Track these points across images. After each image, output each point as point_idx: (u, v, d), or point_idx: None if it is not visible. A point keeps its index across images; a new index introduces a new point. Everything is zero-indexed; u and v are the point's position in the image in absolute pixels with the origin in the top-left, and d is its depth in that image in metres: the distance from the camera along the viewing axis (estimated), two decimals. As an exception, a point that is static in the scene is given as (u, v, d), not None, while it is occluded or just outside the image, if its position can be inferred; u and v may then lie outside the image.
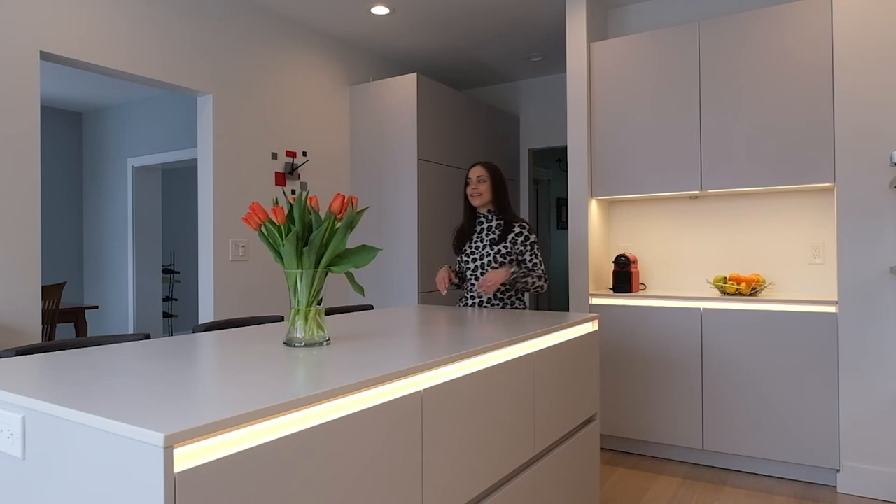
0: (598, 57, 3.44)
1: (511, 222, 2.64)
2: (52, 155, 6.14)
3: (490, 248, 2.62)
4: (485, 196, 2.65)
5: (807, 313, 2.81)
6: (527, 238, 2.61)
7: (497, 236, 2.62)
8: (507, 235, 2.61)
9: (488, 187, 2.65)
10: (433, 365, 1.28)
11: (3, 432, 1.03)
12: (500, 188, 2.67)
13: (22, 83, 2.63)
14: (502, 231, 2.62)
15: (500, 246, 2.60)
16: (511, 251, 2.60)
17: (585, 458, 2.10)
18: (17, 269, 2.61)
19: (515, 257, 2.62)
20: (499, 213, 2.68)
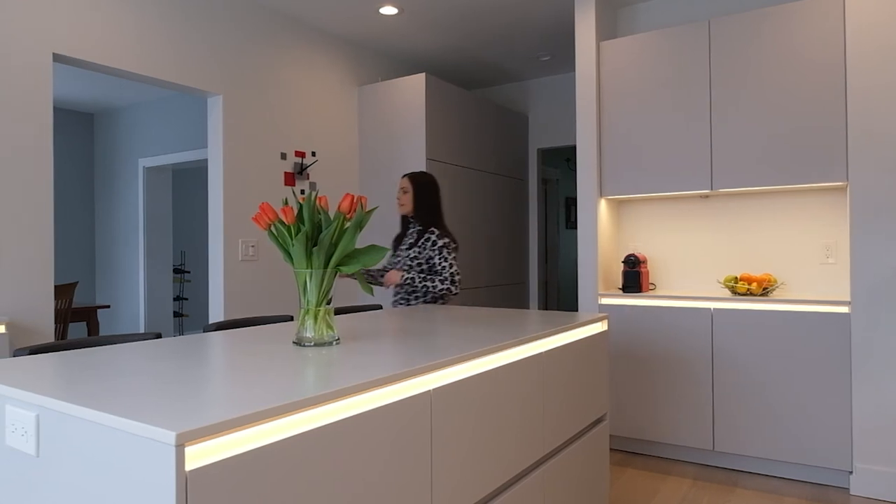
0: (607, 56, 3.42)
1: (426, 229, 2.82)
2: (65, 156, 6.20)
3: (406, 251, 2.85)
4: (406, 206, 2.87)
5: (819, 313, 2.79)
6: (434, 243, 2.77)
7: (414, 240, 2.84)
8: (420, 240, 2.81)
9: (409, 198, 2.86)
10: (442, 365, 1.28)
11: (18, 430, 1.04)
12: (422, 198, 2.86)
13: (35, 85, 2.66)
14: (418, 236, 2.83)
15: (412, 250, 2.81)
16: (420, 255, 2.78)
17: (595, 458, 2.09)
18: (31, 270, 2.63)
19: (426, 261, 2.78)
20: (419, 220, 2.86)
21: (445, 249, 2.76)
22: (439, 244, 2.76)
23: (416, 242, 2.80)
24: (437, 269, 2.76)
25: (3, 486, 1.09)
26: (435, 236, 2.78)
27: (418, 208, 2.85)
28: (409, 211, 2.87)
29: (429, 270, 2.78)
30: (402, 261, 2.84)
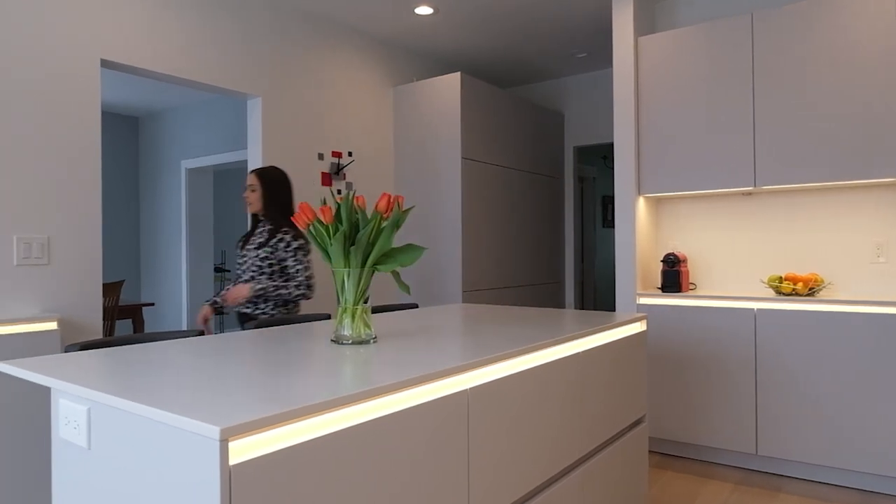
0: (645, 51, 3.36)
1: (277, 228, 2.63)
2: (112, 158, 6.41)
3: (254, 250, 2.64)
4: (255, 205, 2.69)
5: (870, 314, 2.68)
6: (288, 245, 2.60)
7: (264, 240, 2.64)
8: (271, 241, 2.62)
9: (258, 196, 2.68)
10: (479, 364, 1.28)
11: (71, 423, 1.08)
12: (272, 195, 2.69)
13: (85, 90, 2.75)
14: (268, 236, 2.64)
15: (262, 250, 2.61)
16: (272, 256, 2.60)
17: (633, 460, 2.06)
18: (81, 269, 2.73)
19: (277, 263, 2.62)
20: (269, 218, 2.68)
21: (300, 251, 2.61)
22: (294, 245, 2.60)
23: (267, 242, 2.61)
24: (289, 271, 2.61)
25: (58, 476, 1.13)
26: (289, 237, 2.61)
27: (268, 206, 2.68)
28: (259, 209, 2.69)
29: (280, 273, 2.62)
30: (249, 261, 2.65)
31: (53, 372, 1.14)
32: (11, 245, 2.51)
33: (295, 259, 2.60)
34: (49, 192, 2.62)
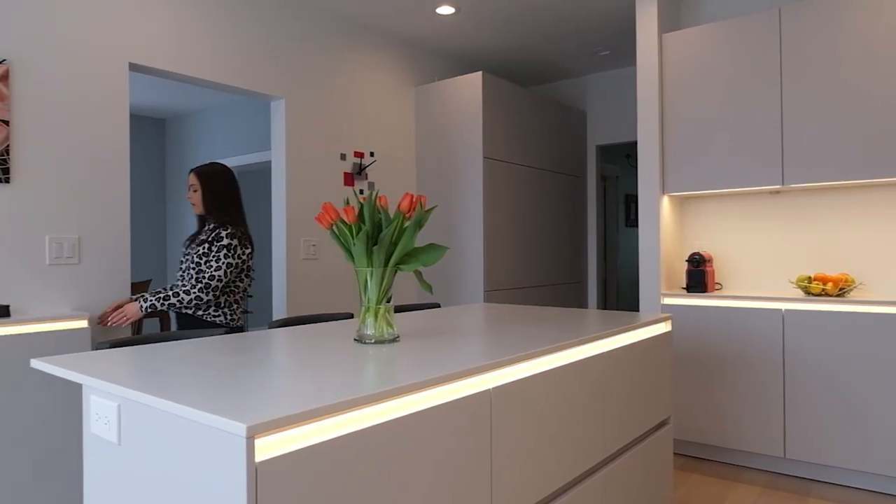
0: (670, 48, 3.32)
1: (220, 226, 2.58)
2: (139, 160, 6.54)
3: (196, 247, 2.58)
4: (198, 205, 2.63)
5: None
6: (220, 240, 2.53)
7: (205, 237, 2.58)
8: (211, 236, 2.56)
9: (199, 196, 2.62)
10: (502, 363, 1.27)
11: (102, 419, 1.10)
12: (213, 194, 2.61)
13: (113, 93, 2.81)
14: (209, 232, 2.59)
15: (202, 247, 2.56)
16: (208, 252, 2.54)
17: (658, 462, 2.04)
18: (110, 268, 2.79)
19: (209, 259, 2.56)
20: (215, 218, 2.62)
21: (224, 250, 2.51)
22: (223, 243, 2.51)
23: (208, 240, 2.56)
24: (202, 266, 2.53)
25: (90, 470, 1.16)
26: (225, 234, 2.53)
27: (210, 205, 2.61)
28: (202, 210, 2.63)
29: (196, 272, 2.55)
30: (190, 258, 2.59)
31: (85, 369, 1.17)
32: (44, 245, 2.57)
33: (214, 257, 2.51)
34: (80, 193, 2.68)
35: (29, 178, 2.53)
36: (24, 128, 2.51)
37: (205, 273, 2.50)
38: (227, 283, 2.57)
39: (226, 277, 2.51)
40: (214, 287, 2.48)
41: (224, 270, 2.49)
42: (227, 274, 2.52)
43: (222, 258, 2.50)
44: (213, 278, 2.48)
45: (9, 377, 2.22)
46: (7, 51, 2.46)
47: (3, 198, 2.45)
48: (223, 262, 2.50)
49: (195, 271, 2.54)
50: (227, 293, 2.58)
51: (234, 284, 2.59)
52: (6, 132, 2.44)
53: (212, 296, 2.50)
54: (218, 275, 2.48)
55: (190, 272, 2.56)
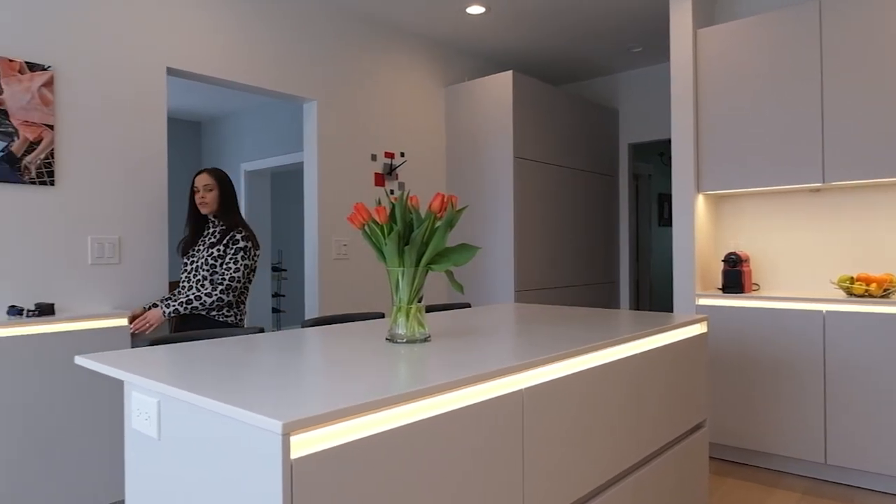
0: (705, 44, 3.25)
1: (231, 227, 2.65)
2: (176, 162, 6.70)
3: (206, 250, 2.65)
4: (211, 205, 2.69)
5: (952, 318, 2.51)
6: (236, 242, 2.60)
7: (216, 239, 2.65)
8: (224, 238, 2.63)
9: (215, 196, 2.69)
10: (534, 364, 1.27)
11: (142, 414, 1.13)
12: (227, 195, 2.71)
13: (151, 97, 2.88)
14: (221, 235, 2.65)
15: (215, 248, 2.62)
16: (223, 254, 2.60)
17: (693, 466, 2.00)
18: (149, 268, 2.86)
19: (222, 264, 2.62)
20: (222, 218, 2.70)
21: (241, 252, 2.59)
22: (240, 245, 2.60)
23: (220, 241, 2.62)
24: (219, 269, 2.60)
25: (131, 464, 1.19)
26: (240, 236, 2.61)
27: (223, 206, 2.69)
28: (214, 210, 2.69)
29: (210, 273, 2.61)
30: (200, 261, 2.65)
31: (127, 366, 1.20)
32: (86, 245, 2.65)
33: (232, 259, 2.58)
34: (120, 194, 2.76)
35: (72, 180, 2.61)
36: (68, 132, 2.60)
37: (224, 275, 2.58)
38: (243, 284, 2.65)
39: (243, 278, 2.61)
40: (234, 288, 2.58)
41: (242, 272, 2.59)
42: (245, 275, 2.61)
43: (239, 260, 2.59)
44: (234, 280, 2.57)
45: (54, 372, 2.30)
46: (52, 58, 2.55)
47: (49, 200, 2.54)
48: (241, 264, 2.59)
49: (209, 272, 2.61)
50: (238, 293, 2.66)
51: (243, 285, 2.67)
52: (51, 136, 2.53)
53: (232, 296, 2.59)
54: (237, 276, 2.58)
55: (201, 273, 2.62)
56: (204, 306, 2.55)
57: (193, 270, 2.66)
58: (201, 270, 2.63)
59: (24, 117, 2.45)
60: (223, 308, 2.64)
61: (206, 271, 2.62)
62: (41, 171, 2.49)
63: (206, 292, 2.55)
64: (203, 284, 2.62)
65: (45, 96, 2.51)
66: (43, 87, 2.50)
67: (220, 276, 2.59)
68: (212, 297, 2.54)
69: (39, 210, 2.51)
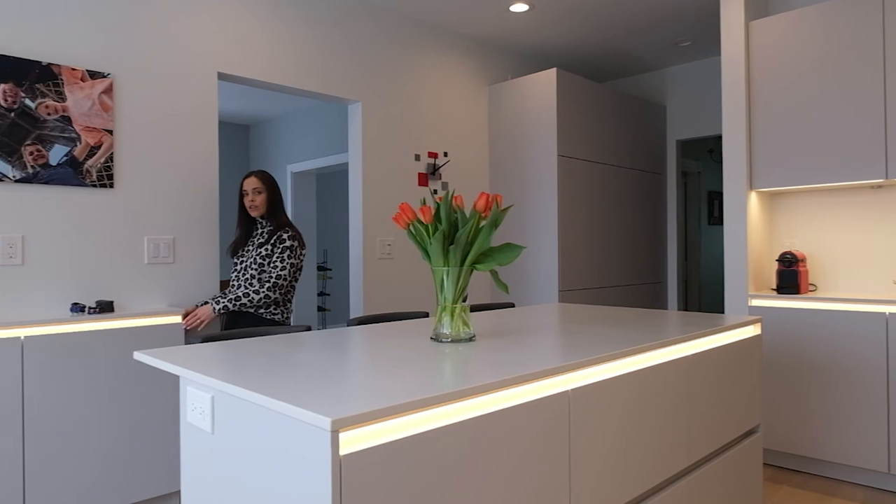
0: (757, 36, 3.15)
1: (279, 227, 2.73)
2: (226, 164, 6.89)
3: (255, 250, 2.73)
4: (260, 208, 2.77)
5: None
6: (283, 241, 2.69)
7: (264, 239, 2.74)
8: (272, 238, 2.71)
9: (264, 199, 2.77)
10: (581, 365, 1.25)
11: (197, 409, 1.17)
12: (275, 197, 2.80)
13: (203, 102, 2.98)
14: (269, 235, 2.73)
15: (263, 248, 2.71)
16: (271, 253, 2.69)
17: (746, 472, 1.94)
18: (201, 266, 2.96)
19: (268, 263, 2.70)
20: (270, 219, 2.78)
21: (288, 251, 2.68)
22: (287, 244, 2.69)
23: (268, 241, 2.71)
24: (268, 266, 2.68)
25: (186, 457, 1.23)
26: (287, 236, 2.70)
27: (272, 208, 2.78)
28: (263, 212, 2.78)
29: (259, 272, 2.69)
30: (249, 261, 2.73)
31: (182, 362, 1.25)
32: (143, 245, 2.76)
33: (279, 257, 2.67)
34: (174, 196, 2.86)
35: (130, 183, 2.72)
36: (126, 137, 2.71)
37: (271, 274, 2.66)
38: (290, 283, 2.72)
39: (290, 277, 2.68)
40: (281, 286, 2.66)
41: (288, 270, 2.67)
42: (291, 274, 2.69)
43: (286, 259, 2.67)
44: (280, 277, 2.65)
45: (114, 367, 2.40)
46: (111, 65, 2.66)
47: (109, 201, 2.65)
48: (287, 263, 2.67)
49: (257, 271, 2.68)
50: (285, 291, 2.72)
51: (290, 284, 2.74)
52: (110, 141, 2.64)
53: (279, 294, 2.67)
54: (283, 274, 2.66)
55: (249, 272, 2.70)
56: (252, 303, 2.62)
57: (243, 270, 2.75)
58: (250, 269, 2.71)
59: (86, 123, 2.56)
60: (270, 306, 2.70)
61: (254, 270, 2.70)
62: (101, 174, 2.61)
63: (253, 290, 2.63)
64: (251, 283, 2.69)
65: (105, 102, 2.62)
66: (103, 94, 2.61)
67: (268, 274, 2.66)
68: (259, 294, 2.62)
69: (100, 212, 2.63)
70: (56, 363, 2.26)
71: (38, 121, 2.44)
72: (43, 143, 2.45)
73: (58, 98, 2.48)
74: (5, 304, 2.38)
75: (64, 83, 2.50)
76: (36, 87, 2.43)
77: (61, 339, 2.28)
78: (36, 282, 2.45)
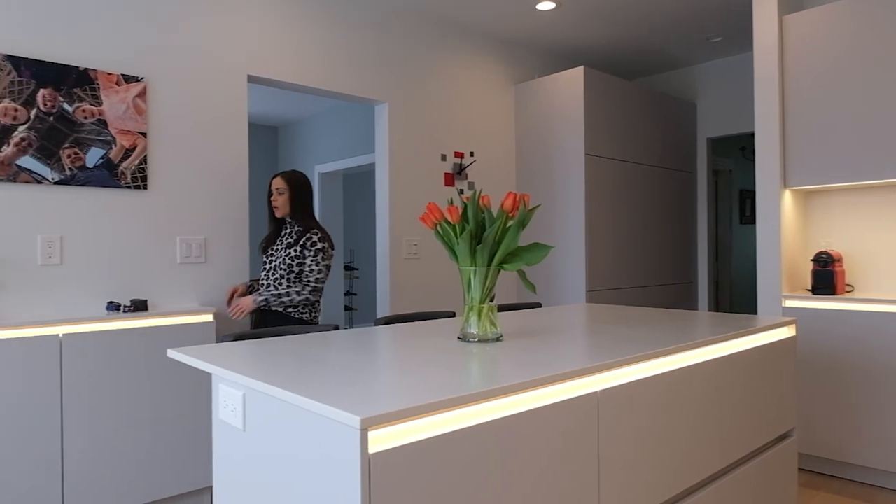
0: (791, 31, 3.07)
1: (307, 229, 2.74)
2: (257, 165, 7.00)
3: (284, 251, 2.74)
4: (283, 208, 2.78)
5: None
6: (314, 244, 2.71)
7: (293, 240, 2.75)
8: (300, 240, 2.73)
9: (286, 199, 2.78)
10: (611, 366, 1.24)
11: (228, 406, 1.19)
12: (299, 198, 2.79)
13: (234, 105, 3.03)
14: (298, 236, 2.75)
15: (292, 249, 2.72)
16: (300, 255, 2.71)
17: (780, 477, 1.89)
18: (232, 266, 3.01)
19: (302, 261, 2.72)
20: (298, 220, 2.79)
21: (321, 254, 2.71)
22: (318, 247, 2.71)
23: (297, 242, 2.73)
24: (304, 272, 2.71)
25: (218, 453, 1.25)
26: (317, 238, 2.72)
27: (296, 209, 2.79)
28: (286, 213, 2.79)
29: (297, 276, 2.72)
30: (278, 261, 2.74)
31: (214, 360, 1.27)
32: (175, 245, 2.81)
33: (313, 260, 2.70)
34: (205, 197, 2.92)
35: (163, 184, 2.78)
36: (159, 139, 2.77)
37: (309, 277, 2.70)
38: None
39: (325, 279, 2.74)
40: (320, 289, 2.72)
41: (324, 273, 2.73)
42: (326, 275, 2.75)
43: (320, 261, 2.72)
44: (319, 281, 2.71)
45: (148, 363, 2.46)
46: (144, 69, 2.72)
47: (143, 203, 2.71)
48: (322, 265, 2.72)
49: (286, 271, 2.72)
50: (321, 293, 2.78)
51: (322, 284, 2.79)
52: (144, 143, 2.70)
53: (318, 297, 2.73)
54: (321, 277, 2.71)
55: (278, 272, 2.74)
56: (292, 303, 2.68)
57: (272, 269, 2.78)
58: (279, 269, 2.75)
59: (121, 126, 2.63)
60: (307, 307, 2.76)
61: (283, 270, 2.73)
62: (135, 176, 2.67)
63: (296, 290, 2.68)
64: (280, 283, 2.73)
65: (139, 106, 2.68)
66: (137, 98, 2.67)
67: (306, 277, 2.71)
68: (301, 295, 2.68)
69: (134, 213, 2.69)
70: (93, 360, 2.33)
71: (76, 124, 2.51)
72: (80, 145, 2.52)
73: (94, 102, 2.55)
74: (45, 303, 2.45)
75: (100, 87, 2.57)
76: (73, 91, 2.50)
77: (98, 336, 2.34)
78: (74, 281, 2.52)
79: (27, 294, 2.42)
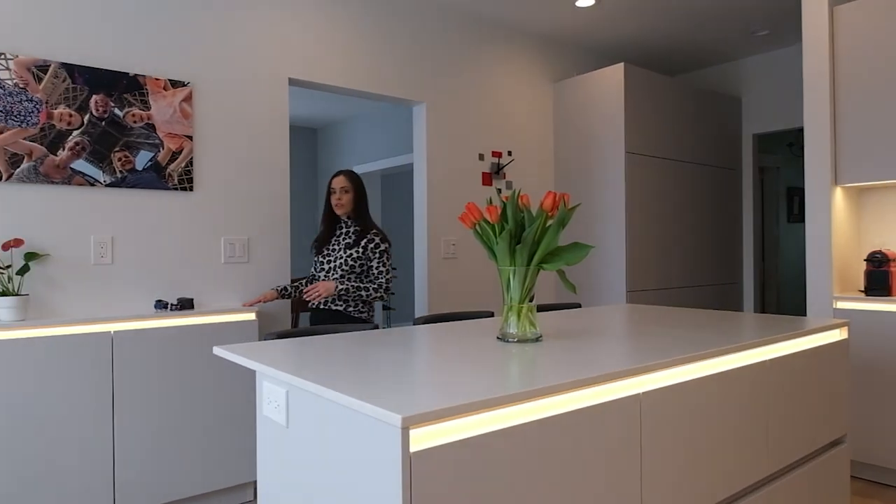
0: (842, 22, 2.96)
1: (366, 230, 2.75)
2: (298, 166, 7.14)
3: (343, 251, 2.75)
4: (347, 206, 2.79)
5: None
6: (377, 246, 2.73)
7: (352, 241, 2.76)
8: (361, 241, 2.73)
9: (350, 198, 2.79)
10: (653, 367, 1.22)
11: (272, 402, 1.21)
12: (361, 197, 2.82)
13: (275, 107, 3.09)
14: (357, 237, 2.76)
15: (353, 250, 2.73)
16: (362, 256, 2.72)
17: (831, 485, 1.83)
18: (274, 266, 3.07)
19: (365, 262, 2.74)
20: (357, 220, 2.80)
21: (385, 255, 2.74)
22: (381, 248, 2.74)
23: (357, 243, 2.74)
24: (373, 273, 2.73)
25: (262, 449, 1.28)
26: (378, 239, 2.74)
27: (358, 208, 2.79)
28: (349, 211, 2.79)
29: (363, 274, 2.75)
30: (338, 261, 2.74)
31: (258, 357, 1.30)
32: (220, 246, 2.89)
33: (380, 262, 2.73)
34: (248, 198, 2.98)
35: (208, 186, 2.85)
36: (204, 142, 2.84)
37: (379, 278, 2.75)
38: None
39: (392, 279, 2.78)
40: (388, 288, 2.77)
41: (391, 273, 2.78)
42: (392, 275, 2.79)
43: (385, 262, 2.77)
44: (388, 281, 2.76)
45: (195, 360, 2.53)
46: (190, 74, 2.80)
47: (189, 204, 2.79)
48: (388, 266, 2.77)
49: (347, 271, 2.75)
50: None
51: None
52: (190, 146, 2.78)
53: (388, 296, 2.79)
54: (388, 276, 2.76)
55: (339, 272, 2.76)
56: (367, 298, 2.72)
57: (332, 269, 2.80)
58: (339, 269, 2.77)
59: (168, 130, 2.71)
60: (367, 304, 2.82)
61: (344, 270, 2.75)
62: (182, 178, 2.75)
63: (374, 287, 2.72)
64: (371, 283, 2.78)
65: (185, 110, 2.76)
66: (183, 102, 2.75)
67: (376, 279, 2.74)
68: (376, 293, 2.73)
69: (181, 214, 2.77)
70: (142, 356, 2.41)
71: (126, 128, 2.60)
72: (130, 149, 2.61)
73: (143, 107, 2.64)
74: (98, 301, 2.55)
75: (148, 92, 2.65)
76: (124, 97, 2.59)
77: (146, 333, 2.42)
78: (123, 279, 2.61)
79: (81, 292, 2.52)
